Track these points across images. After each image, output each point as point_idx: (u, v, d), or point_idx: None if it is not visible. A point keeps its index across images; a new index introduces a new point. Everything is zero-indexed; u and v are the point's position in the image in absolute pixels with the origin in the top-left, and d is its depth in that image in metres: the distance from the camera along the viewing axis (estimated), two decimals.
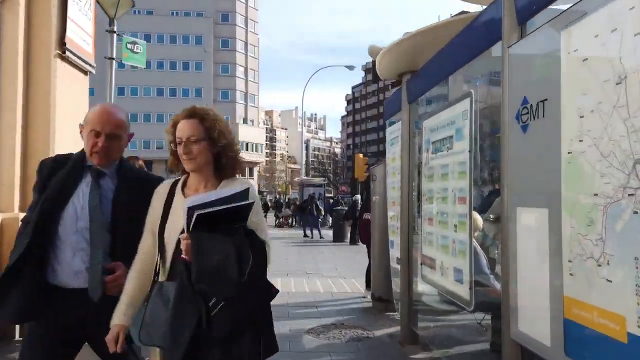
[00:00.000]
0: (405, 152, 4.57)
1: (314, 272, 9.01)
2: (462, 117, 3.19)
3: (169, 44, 58.93)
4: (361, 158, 17.21)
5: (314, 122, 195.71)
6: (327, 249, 14.04)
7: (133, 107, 58.46)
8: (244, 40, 61.89)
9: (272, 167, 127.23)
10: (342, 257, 11.71)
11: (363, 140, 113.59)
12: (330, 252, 12.96)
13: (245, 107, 62.49)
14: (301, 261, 10.79)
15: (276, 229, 24.12)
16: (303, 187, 27.10)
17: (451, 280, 3.34)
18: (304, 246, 14.86)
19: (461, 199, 3.16)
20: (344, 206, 25.48)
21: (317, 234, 17.96)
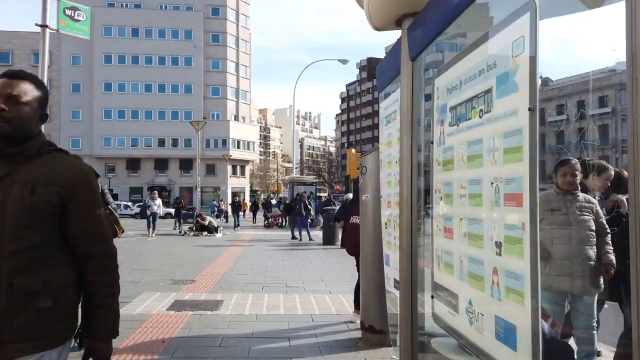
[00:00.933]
0: (407, 129, 3.17)
1: (295, 285, 7.62)
2: (512, 50, 1.79)
3: (158, 38, 57.28)
4: (354, 153, 15.83)
5: (309, 121, 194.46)
6: (315, 253, 12.66)
7: (120, 104, 56.89)
8: (235, 35, 60.32)
9: (266, 166, 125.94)
10: (331, 264, 10.33)
11: (358, 138, 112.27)
12: (318, 258, 11.57)
13: (236, 104, 60.95)
14: (283, 269, 9.40)
15: (264, 230, 22.72)
16: (293, 185, 25.70)
17: (489, 337, 1.94)
18: (289, 250, 13.47)
19: (511, 197, 1.76)
20: (335, 206, 24.19)
21: (306, 235, 16.57)
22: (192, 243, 15.18)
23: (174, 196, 58.11)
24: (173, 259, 10.85)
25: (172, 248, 13.41)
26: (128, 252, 11.91)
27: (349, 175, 15.86)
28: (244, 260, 10.84)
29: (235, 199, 23.97)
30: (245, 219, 30.51)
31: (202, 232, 18.25)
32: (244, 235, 18.63)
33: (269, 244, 15.40)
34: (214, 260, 10.58)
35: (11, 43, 56.35)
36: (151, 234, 16.55)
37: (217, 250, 13.07)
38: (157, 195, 17.17)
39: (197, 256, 11.46)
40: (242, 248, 13.77)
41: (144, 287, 7.13)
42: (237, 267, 9.53)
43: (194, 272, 8.69)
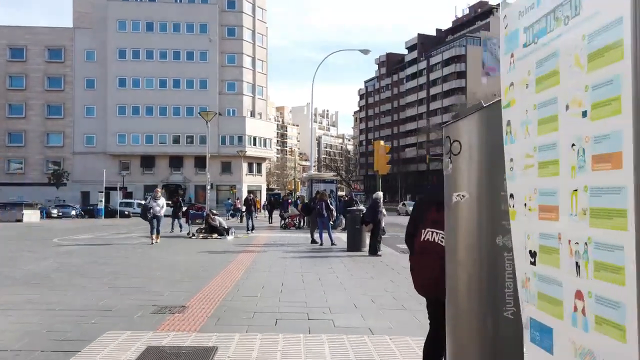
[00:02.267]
0: None
1: (321, 316, 5.59)
2: None
3: (172, 32, 55.86)
4: (382, 145, 13.77)
5: (326, 119, 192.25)
6: (340, 263, 10.63)
7: (135, 100, 55.62)
8: (251, 29, 58.56)
9: (283, 164, 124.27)
10: (362, 279, 8.29)
11: (376, 136, 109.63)
12: (345, 270, 9.55)
13: (252, 100, 59.22)
14: (303, 287, 7.40)
15: (280, 232, 20.76)
16: (312, 183, 23.71)
17: None
18: (309, 258, 11.47)
19: None
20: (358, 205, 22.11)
21: (327, 239, 14.55)
22: (197, 248, 13.29)
23: (188, 195, 56.70)
24: (168, 270, 8.94)
25: (172, 255, 11.52)
26: (117, 262, 10.07)
27: (377, 170, 13.78)
28: (254, 272, 8.88)
29: (249, 197, 21.38)
30: (260, 219, 28.57)
31: (212, 235, 16.39)
32: (258, 238, 16.71)
33: (285, 249, 13.43)
34: (217, 273, 8.64)
35: (25, 39, 55.51)
36: (155, 239, 14.22)
37: (225, 257, 11.14)
38: (160, 193, 14.85)
39: (199, 266, 9.54)
40: (254, 255, 11.82)
41: (113, 320, 5.20)
42: (245, 285, 7.56)
43: (188, 293, 6.75)
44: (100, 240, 16.09)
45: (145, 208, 14.41)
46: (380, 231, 12.09)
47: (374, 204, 12.21)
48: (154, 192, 14.94)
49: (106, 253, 11.75)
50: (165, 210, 14.79)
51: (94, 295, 6.44)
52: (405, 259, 12.52)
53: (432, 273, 2.89)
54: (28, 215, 32.68)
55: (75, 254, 11.52)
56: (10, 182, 54.21)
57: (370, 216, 12.02)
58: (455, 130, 2.54)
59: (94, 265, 9.53)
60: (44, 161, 55.47)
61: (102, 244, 14.38)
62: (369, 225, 12.03)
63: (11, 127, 55.41)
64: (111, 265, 9.55)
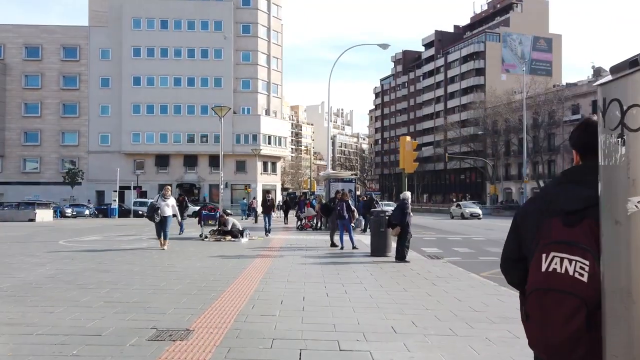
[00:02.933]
0: None
1: (354, 345, 4.54)
2: None
3: (187, 30, 55.28)
4: (409, 141, 12.67)
5: (341, 118, 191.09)
6: (365, 271, 9.58)
7: (149, 98, 55.20)
8: (266, 26, 57.71)
9: (298, 163, 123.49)
10: (395, 292, 7.23)
11: (392, 134, 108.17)
12: (372, 279, 8.50)
13: (267, 98, 58.37)
14: (327, 303, 6.37)
15: (297, 233, 19.76)
16: (330, 182, 22.70)
17: None
18: (331, 264, 10.44)
19: None
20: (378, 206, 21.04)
21: (347, 241, 13.50)
22: (209, 252, 12.36)
23: (203, 194, 56.11)
24: (174, 280, 7.97)
25: (181, 261, 10.58)
26: (120, 268, 9.16)
27: (404, 169, 12.68)
28: (271, 283, 7.88)
29: (267, 197, 19.70)
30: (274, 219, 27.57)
31: (225, 237, 15.47)
32: (274, 241, 15.74)
33: (303, 253, 12.42)
34: (230, 283, 7.66)
35: (40, 37, 55.47)
36: (163, 244, 12.66)
37: (238, 263, 10.17)
38: (170, 192, 13.26)
39: (209, 274, 8.57)
40: (270, 260, 10.83)
41: (100, 350, 4.22)
42: (261, 299, 6.56)
43: (195, 310, 5.76)
44: (107, 242, 15.29)
45: (152, 208, 12.60)
46: (409, 235, 11.01)
47: (401, 204, 11.13)
48: (163, 189, 13.25)
49: (110, 258, 10.87)
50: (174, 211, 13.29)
51: (85, 314, 5.49)
52: (435, 265, 11.49)
53: (567, 328, 1.78)
54: (41, 215, 32.26)
55: (77, 259, 10.65)
56: (26, 181, 54.26)
57: (397, 218, 10.95)
58: (633, 87, 1.47)
59: (93, 273, 8.62)
60: (59, 160, 55.39)
61: (107, 247, 13.55)
62: (396, 228, 10.97)
63: (27, 126, 55.44)
64: (113, 273, 8.64)
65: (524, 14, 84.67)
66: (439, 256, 12.98)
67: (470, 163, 73.33)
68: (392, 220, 11.12)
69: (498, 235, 21.12)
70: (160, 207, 12.48)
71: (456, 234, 21.94)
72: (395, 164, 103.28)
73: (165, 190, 13.12)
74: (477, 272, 9.98)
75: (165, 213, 12.55)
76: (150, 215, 12.53)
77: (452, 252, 14.46)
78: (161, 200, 12.73)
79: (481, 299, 6.88)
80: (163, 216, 12.51)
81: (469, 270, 10.09)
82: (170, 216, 12.81)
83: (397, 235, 11.02)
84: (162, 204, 12.61)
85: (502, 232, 23.70)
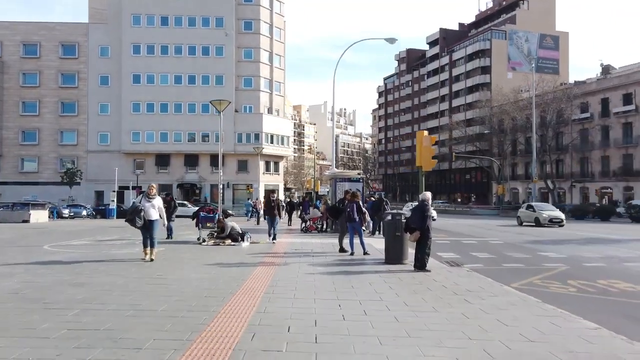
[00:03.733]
0: None
1: None
2: None
3: (188, 26, 54.14)
4: (427, 137, 11.42)
5: (343, 117, 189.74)
6: (382, 281, 8.33)
7: (149, 96, 54.06)
8: (269, 23, 56.48)
9: (300, 163, 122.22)
10: (423, 312, 6.00)
11: (396, 134, 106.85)
12: (392, 293, 7.26)
13: (270, 96, 57.15)
14: (344, 327, 5.14)
15: (302, 236, 18.52)
16: (336, 182, 21.46)
17: None
18: (342, 274, 9.20)
19: None
20: (389, 206, 19.82)
21: (358, 245, 12.28)
22: (206, 259, 11.14)
23: (204, 194, 54.92)
24: (160, 299, 6.71)
25: (172, 271, 9.34)
26: (99, 281, 7.93)
27: (420, 167, 11.44)
28: (275, 300, 6.65)
29: (272, 197, 15.75)
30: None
31: (225, 241, 14.27)
32: (277, 245, 14.51)
33: (310, 260, 11.20)
34: (225, 302, 6.43)
35: (39, 35, 54.39)
36: (148, 254, 10.43)
37: (238, 274, 8.94)
38: (155, 190, 10.79)
39: (203, 290, 7.32)
40: (274, 269, 9.61)
41: None
42: (263, 324, 5.34)
43: (180, 343, 4.54)
44: (96, 247, 14.09)
45: (133, 210, 10.23)
46: (429, 241, 9.77)
47: (421, 206, 9.88)
48: (149, 188, 10.70)
49: (92, 267, 9.65)
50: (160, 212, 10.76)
51: (36, 350, 4.27)
52: (460, 275, 9.75)
53: None
54: (35, 216, 31.13)
55: (54, 269, 9.43)
56: (24, 181, 53.19)
57: (417, 221, 9.71)
58: None
59: (67, 287, 7.40)
60: (57, 160, 54.30)
61: (93, 253, 12.35)
62: (415, 233, 9.73)
63: (25, 125, 54.37)
64: (89, 287, 7.42)
65: (531, 11, 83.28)
66: (458, 262, 11.76)
67: (476, 163, 71.98)
68: (411, 223, 9.88)
69: (514, 238, 19.87)
70: (144, 209, 10.25)
71: (469, 236, 20.70)
72: (399, 164, 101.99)
73: (150, 189, 10.65)
74: (506, 283, 8.79)
75: (150, 216, 10.36)
76: (131, 218, 10.14)
77: (472, 257, 13.24)
78: (145, 201, 10.40)
79: (531, 322, 5.66)
80: (148, 220, 10.32)
81: (498, 280, 8.91)
82: (157, 220, 10.60)
83: (416, 241, 9.79)
84: (146, 205, 10.32)
85: (516, 234, 22.49)
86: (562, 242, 18.01)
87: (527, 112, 58.05)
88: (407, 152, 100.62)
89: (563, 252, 14.66)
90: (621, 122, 52.98)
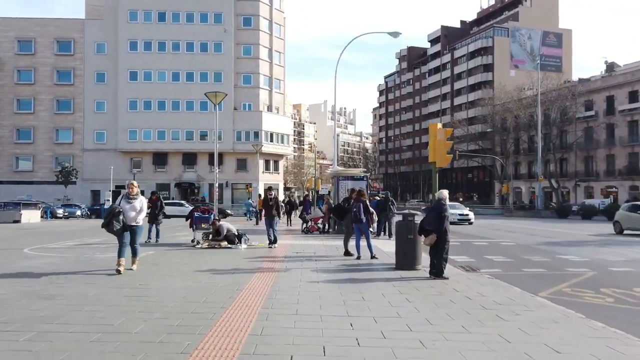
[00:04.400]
0: None
1: None
2: None
3: (186, 22, 53.09)
4: (441, 129, 10.40)
5: (343, 117, 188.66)
6: (396, 291, 7.31)
7: (146, 94, 53.01)
8: (268, 19, 55.42)
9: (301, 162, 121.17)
10: (454, 332, 4.97)
11: (397, 133, 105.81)
12: (413, 308, 6.23)
13: (269, 93, 56.09)
14: (361, 354, 4.14)
15: (303, 238, 17.49)
16: (338, 180, 20.44)
17: None
18: (349, 282, 8.16)
19: None
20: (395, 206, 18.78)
21: (364, 248, 11.27)
22: (198, 264, 10.11)
23: (202, 193, 53.84)
24: (137, 316, 5.66)
25: (158, 278, 8.30)
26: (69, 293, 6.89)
27: (434, 163, 10.42)
28: (274, 318, 5.62)
29: (269, 195, 13.55)
30: None
31: (221, 243, 13.24)
32: (277, 248, 13.47)
33: (313, 265, 10.18)
34: (215, 320, 5.40)
35: (34, 31, 53.30)
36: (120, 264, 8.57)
37: (232, 283, 7.91)
38: (136, 189, 8.90)
39: (190, 304, 6.27)
40: (273, 277, 8.57)
41: None
42: (259, 353, 4.31)
43: None
44: (79, 250, 13.06)
45: (110, 213, 8.47)
46: (447, 244, 8.75)
47: (437, 206, 8.85)
48: (127, 186, 9.04)
49: (67, 275, 8.59)
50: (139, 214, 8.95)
51: None
52: (482, 283, 7.98)
53: None
54: (27, 216, 30.11)
55: (24, 277, 8.36)
56: (19, 180, 52.12)
57: (433, 223, 8.68)
58: None
59: (31, 300, 6.36)
60: (53, 158, 53.24)
61: (74, 257, 11.34)
62: (430, 236, 8.71)
63: (20, 123, 53.31)
64: (57, 300, 6.39)
65: (533, 8, 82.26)
66: (474, 267, 10.76)
67: (478, 161, 70.97)
68: (426, 225, 8.84)
69: (527, 239, 18.85)
70: (124, 212, 8.54)
71: (478, 237, 19.67)
72: (400, 163, 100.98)
73: (130, 187, 8.86)
74: (534, 292, 7.81)
75: (131, 220, 8.64)
76: (108, 222, 8.36)
77: (487, 261, 12.23)
78: (125, 202, 8.66)
79: (585, 347, 4.64)
80: (129, 225, 8.64)
81: (522, 288, 7.95)
82: (140, 224, 8.93)
83: (432, 245, 8.77)
84: (126, 208, 8.60)
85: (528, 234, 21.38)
86: (579, 244, 17.00)
87: (531, 110, 57.00)
88: (408, 151, 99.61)
89: (583, 254, 13.66)
90: (627, 120, 51.95)
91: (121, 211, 8.51)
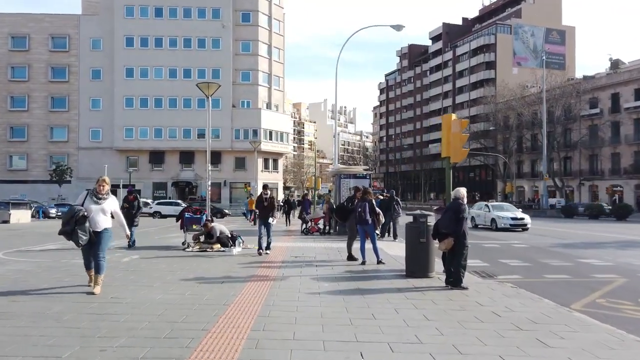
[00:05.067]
0: None
1: None
2: None
3: (183, 18, 52.01)
4: (456, 120, 9.38)
5: (343, 116, 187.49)
6: (410, 305, 6.27)
7: (143, 91, 51.93)
8: (267, 14, 54.34)
9: (300, 161, 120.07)
10: None
11: (397, 131, 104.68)
12: (432, 329, 5.19)
13: (268, 91, 55.02)
14: None
15: (302, 239, 16.42)
16: (340, 178, 19.42)
17: None
18: (355, 293, 7.10)
19: None
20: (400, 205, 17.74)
21: (369, 250, 10.21)
22: (185, 271, 9.05)
23: (200, 192, 52.76)
24: (99, 342, 4.61)
25: (136, 289, 7.23)
26: (26, 311, 5.84)
27: (448, 158, 9.39)
28: (266, 343, 4.58)
29: (265, 194, 11.85)
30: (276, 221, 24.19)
31: (213, 245, 12.21)
32: (273, 251, 12.43)
33: (314, 272, 9.14)
34: (192, 349, 4.36)
35: (27, 27, 52.22)
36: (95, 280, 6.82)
37: (221, 294, 6.85)
38: (107, 187, 6.81)
39: (166, 324, 5.22)
40: (268, 287, 7.52)
41: None
42: None
43: None
44: (58, 254, 12.01)
45: (71, 216, 6.46)
46: (466, 249, 7.71)
47: (454, 206, 7.79)
48: (99, 181, 6.86)
49: (33, 286, 7.55)
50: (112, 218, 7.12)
51: None
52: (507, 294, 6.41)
53: None
54: (16, 215, 29.03)
55: None
56: (12, 179, 51.07)
57: (450, 225, 7.63)
58: None
59: None
60: (47, 157, 52.19)
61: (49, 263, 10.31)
62: (447, 239, 7.66)
63: (13, 121, 52.23)
64: (11, 319, 5.34)
65: (536, 5, 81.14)
66: (490, 273, 9.77)
67: (480, 160, 69.96)
68: (441, 228, 7.79)
69: (538, 240, 17.83)
70: (89, 216, 6.54)
71: (487, 239, 18.63)
72: (401, 162, 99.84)
73: (100, 185, 6.76)
74: (564, 303, 6.83)
75: (98, 226, 6.64)
76: (67, 231, 6.49)
77: (503, 266, 11.21)
78: (91, 203, 6.67)
79: None
80: (96, 231, 6.61)
81: (552, 299, 6.99)
82: (109, 230, 6.82)
83: (449, 250, 7.73)
84: (92, 209, 6.62)
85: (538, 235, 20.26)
86: (597, 246, 15.97)
87: (534, 107, 55.98)
88: (409, 150, 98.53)
89: (604, 258, 12.65)
90: (632, 117, 50.90)
91: (86, 216, 6.49)
